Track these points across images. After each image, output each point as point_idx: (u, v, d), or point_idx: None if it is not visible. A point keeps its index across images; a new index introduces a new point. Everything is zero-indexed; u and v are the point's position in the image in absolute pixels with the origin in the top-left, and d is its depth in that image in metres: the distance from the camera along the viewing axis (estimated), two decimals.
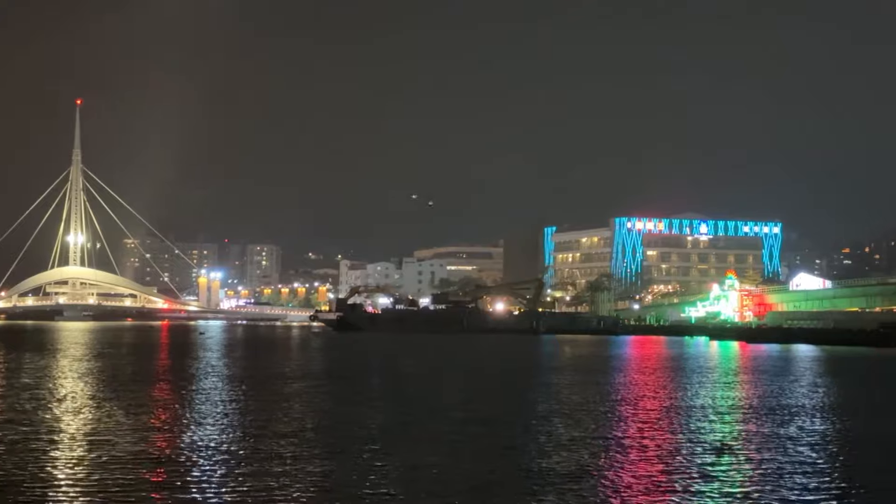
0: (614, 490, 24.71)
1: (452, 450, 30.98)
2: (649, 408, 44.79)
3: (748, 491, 25.14)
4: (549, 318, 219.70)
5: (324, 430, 35.10)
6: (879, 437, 36.27)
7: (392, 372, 73.54)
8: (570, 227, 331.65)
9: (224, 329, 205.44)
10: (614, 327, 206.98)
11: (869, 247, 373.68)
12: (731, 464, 29.15)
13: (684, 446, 32.34)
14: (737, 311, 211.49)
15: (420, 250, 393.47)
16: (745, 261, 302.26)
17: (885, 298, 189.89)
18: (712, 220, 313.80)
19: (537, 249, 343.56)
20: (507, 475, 26.81)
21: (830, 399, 51.49)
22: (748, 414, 43.40)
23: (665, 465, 28.41)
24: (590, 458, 29.51)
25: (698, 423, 39.11)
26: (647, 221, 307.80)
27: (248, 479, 25.29)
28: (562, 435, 34.63)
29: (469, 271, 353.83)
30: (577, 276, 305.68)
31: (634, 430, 36.39)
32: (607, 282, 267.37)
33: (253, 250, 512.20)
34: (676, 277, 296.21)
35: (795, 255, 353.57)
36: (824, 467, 28.75)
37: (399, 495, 23.81)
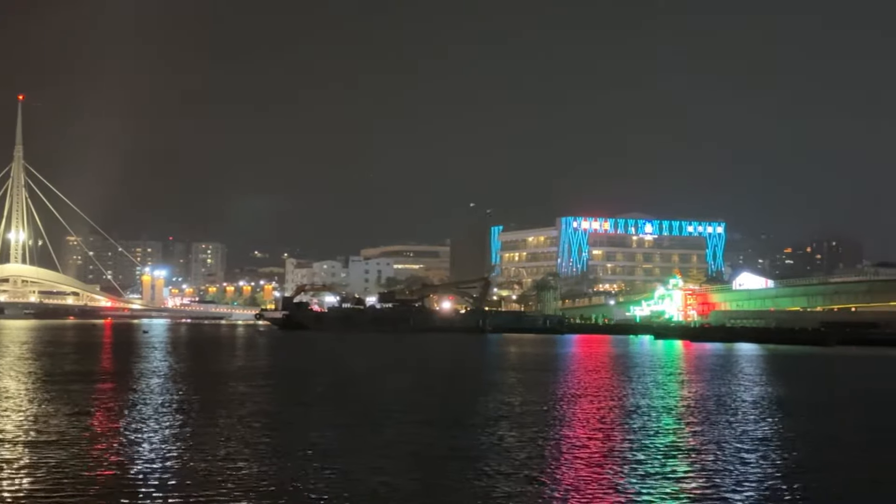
0: (563, 491, 24.76)
1: (398, 452, 30.87)
2: (594, 407, 44.99)
3: (692, 489, 25.31)
4: (496, 317, 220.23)
5: (268, 432, 34.83)
6: (815, 435, 36.73)
7: (338, 371, 73.23)
8: (516, 227, 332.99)
9: (168, 328, 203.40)
10: (560, 326, 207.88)
11: (810, 247, 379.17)
12: (676, 462, 29.34)
13: (629, 446, 32.51)
14: (681, 310, 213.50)
15: (367, 249, 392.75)
16: (689, 260, 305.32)
17: (825, 298, 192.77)
18: (657, 219, 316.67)
19: (484, 248, 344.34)
20: (452, 477, 26.75)
21: (770, 398, 52.10)
22: (691, 412, 43.76)
23: (610, 466, 28.53)
24: (534, 460, 29.55)
25: (642, 422, 39.36)
26: (592, 221, 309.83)
27: (189, 482, 25.00)
28: (508, 436, 34.66)
29: (416, 270, 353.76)
30: (524, 275, 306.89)
31: (580, 430, 36.52)
32: (553, 281, 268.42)
33: (198, 248, 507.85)
34: (622, 277, 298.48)
35: (739, 255, 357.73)
36: (765, 465, 29.03)
37: (342, 499, 23.67)
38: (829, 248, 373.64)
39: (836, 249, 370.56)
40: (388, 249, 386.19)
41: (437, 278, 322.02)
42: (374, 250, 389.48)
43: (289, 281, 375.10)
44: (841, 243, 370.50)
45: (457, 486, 25.47)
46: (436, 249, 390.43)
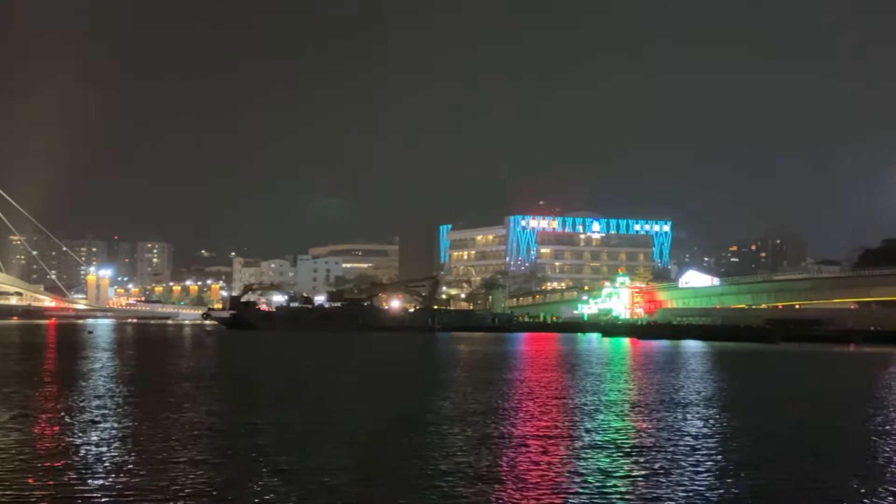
0: (511, 489, 24.81)
1: (347, 453, 30.75)
2: (541, 405, 45.16)
3: (640, 486, 25.48)
4: (445, 316, 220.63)
5: (214, 434, 34.54)
6: (754, 431, 37.14)
7: (286, 371, 72.83)
8: (465, 225, 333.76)
9: (114, 328, 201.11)
10: (508, 324, 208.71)
11: (755, 245, 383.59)
12: (623, 459, 29.52)
13: (578, 443, 32.67)
14: (628, 308, 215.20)
15: (315, 248, 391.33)
16: (636, 258, 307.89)
17: (770, 295, 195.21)
18: (604, 218, 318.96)
19: (433, 247, 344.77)
20: (403, 477, 26.70)
21: (713, 395, 52.64)
22: (636, 410, 44.08)
23: (557, 464, 28.64)
24: (483, 458, 29.58)
25: (589, 419, 39.58)
26: (541, 220, 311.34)
27: (133, 486, 24.70)
28: (456, 435, 34.68)
29: (365, 269, 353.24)
30: (473, 273, 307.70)
31: (527, 428, 36.63)
32: (502, 279, 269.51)
33: (144, 248, 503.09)
34: (570, 275, 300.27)
35: (685, 253, 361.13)
36: (700, 460, 29.30)
37: (289, 502, 23.53)
38: (773, 246, 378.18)
39: (780, 247, 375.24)
40: (337, 248, 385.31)
41: (386, 277, 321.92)
42: (322, 249, 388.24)
43: (236, 280, 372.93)
44: (785, 241, 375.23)
45: (408, 487, 25.41)
46: (385, 248, 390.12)
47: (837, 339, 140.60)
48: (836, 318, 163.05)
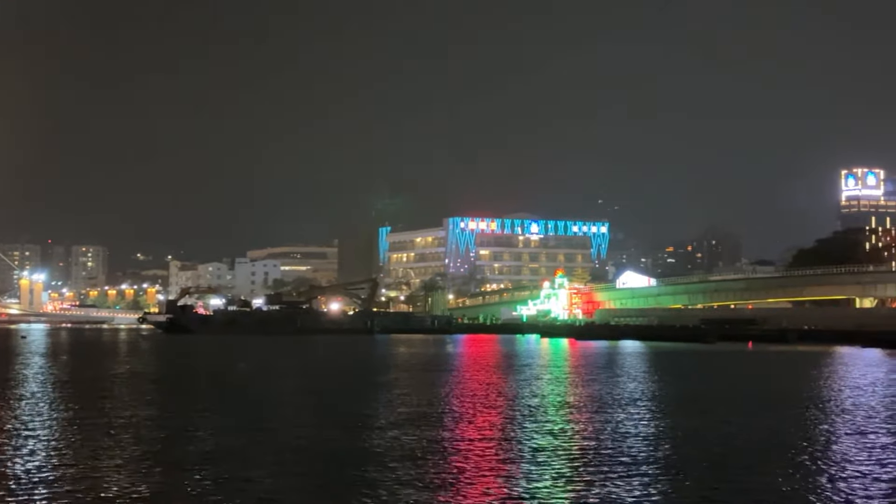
0: (450, 491, 24.82)
1: (285, 457, 30.54)
2: (479, 406, 45.27)
3: (576, 486, 25.64)
4: (384, 318, 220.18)
5: (149, 440, 34.12)
6: (691, 430, 37.56)
7: (223, 375, 72.18)
8: (404, 228, 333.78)
9: (48, 333, 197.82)
10: (448, 326, 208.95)
11: (691, 245, 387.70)
12: (560, 460, 29.68)
13: (513, 445, 32.79)
14: (566, 308, 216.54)
15: (253, 250, 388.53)
16: (574, 259, 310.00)
17: (706, 296, 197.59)
18: (542, 219, 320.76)
19: (372, 249, 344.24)
20: (340, 483, 26.59)
21: (646, 394, 53.17)
22: (572, 410, 44.38)
23: (496, 465, 28.71)
24: (422, 461, 29.57)
25: (526, 420, 39.75)
26: (479, 221, 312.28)
27: (62, 496, 24.29)
28: (395, 438, 34.63)
29: (303, 271, 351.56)
30: (412, 275, 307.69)
31: (465, 429, 36.69)
32: (441, 281, 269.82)
33: (78, 251, 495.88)
34: (509, 276, 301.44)
35: (622, 254, 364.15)
36: (625, 460, 29.57)
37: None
38: (709, 246, 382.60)
39: (716, 248, 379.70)
40: (276, 251, 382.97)
41: (325, 280, 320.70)
42: (260, 252, 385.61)
43: (173, 284, 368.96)
44: (720, 242, 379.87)
45: (348, 491, 25.31)
46: (323, 251, 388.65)
47: (772, 338, 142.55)
48: (770, 318, 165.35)
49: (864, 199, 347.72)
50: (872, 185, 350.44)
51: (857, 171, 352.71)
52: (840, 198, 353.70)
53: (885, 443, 34.13)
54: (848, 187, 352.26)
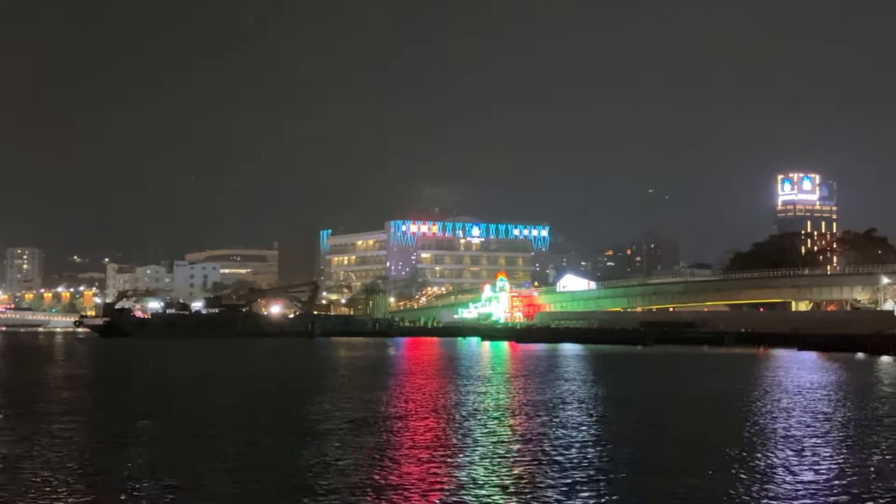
0: (390, 495, 24.73)
1: (222, 465, 30.23)
2: (418, 410, 45.23)
3: (512, 491, 25.69)
4: (325, 321, 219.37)
5: (84, 448, 33.59)
6: (625, 432, 37.85)
7: (162, 380, 71.35)
8: (345, 230, 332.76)
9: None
10: (389, 329, 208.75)
11: (631, 249, 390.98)
12: (496, 465, 29.73)
13: (456, 447, 32.78)
14: (507, 311, 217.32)
15: (192, 253, 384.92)
16: (515, 263, 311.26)
17: (644, 298, 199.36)
18: (484, 223, 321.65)
19: (313, 252, 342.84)
20: (281, 490, 26.38)
21: (583, 396, 53.51)
22: (512, 414, 44.51)
23: (434, 467, 28.68)
24: (363, 467, 29.44)
25: (467, 423, 39.78)
26: (421, 224, 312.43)
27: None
28: (336, 444, 34.47)
29: (243, 274, 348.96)
30: (353, 278, 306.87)
31: (405, 434, 36.63)
32: (383, 284, 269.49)
33: (13, 254, 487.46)
34: (450, 279, 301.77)
35: (562, 258, 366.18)
36: (549, 462, 29.73)
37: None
38: (648, 250, 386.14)
39: (654, 251, 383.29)
40: (215, 254, 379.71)
41: (266, 283, 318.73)
42: (199, 254, 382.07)
43: (110, 286, 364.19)
44: (659, 245, 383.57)
45: (288, 499, 25.13)
46: (264, 253, 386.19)
47: (710, 341, 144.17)
48: (708, 320, 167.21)
49: (800, 204, 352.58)
50: (808, 189, 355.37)
51: (794, 176, 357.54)
52: (776, 202, 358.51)
53: (812, 443, 34.65)
54: (784, 192, 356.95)
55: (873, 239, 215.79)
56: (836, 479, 27.60)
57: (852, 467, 29.79)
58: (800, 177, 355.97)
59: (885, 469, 29.62)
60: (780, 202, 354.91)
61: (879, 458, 31.67)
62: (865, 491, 25.88)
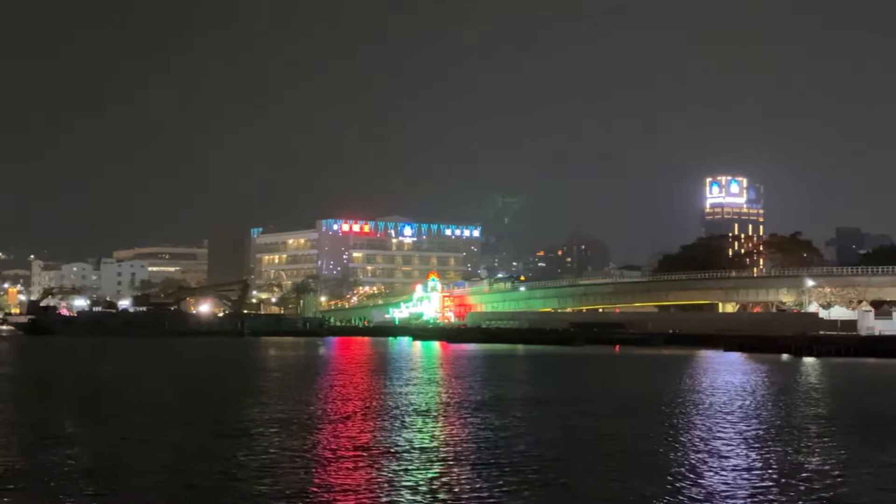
0: (313, 495, 24.61)
1: (147, 464, 29.85)
2: (346, 410, 45.08)
3: (438, 491, 25.71)
4: (255, 320, 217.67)
5: (4, 449, 32.92)
6: (547, 431, 38.09)
7: (86, 379, 70.18)
8: (276, 229, 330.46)
9: None
10: (320, 328, 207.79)
11: (561, 250, 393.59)
12: (424, 464, 29.74)
13: (384, 448, 32.73)
14: (439, 311, 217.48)
15: (120, 251, 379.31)
16: (447, 263, 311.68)
17: (575, 299, 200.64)
18: (416, 222, 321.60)
19: (243, 251, 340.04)
20: (211, 493, 26.11)
21: (509, 396, 53.81)
22: (438, 413, 44.56)
23: (359, 467, 28.60)
24: (292, 466, 29.25)
25: (395, 424, 39.75)
26: (352, 223, 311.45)
27: None
28: (263, 446, 34.20)
29: (172, 272, 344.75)
30: (284, 277, 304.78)
31: (331, 434, 36.47)
32: (314, 283, 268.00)
33: None
34: (382, 279, 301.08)
35: (494, 258, 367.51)
36: (493, 462, 29.87)
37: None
38: (578, 251, 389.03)
39: (585, 253, 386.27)
40: (143, 251, 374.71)
41: (195, 281, 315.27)
42: (127, 252, 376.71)
43: (35, 284, 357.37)
44: (590, 247, 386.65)
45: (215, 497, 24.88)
46: (193, 252, 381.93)
47: (638, 341, 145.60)
48: (637, 322, 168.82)
49: (728, 207, 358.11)
50: (735, 192, 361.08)
51: (721, 179, 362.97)
52: (704, 205, 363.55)
53: (722, 444, 35.16)
54: (712, 195, 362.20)
55: (798, 242, 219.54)
56: (743, 480, 28.03)
57: (761, 468, 30.28)
58: (727, 180, 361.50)
59: (787, 470, 30.07)
60: (709, 205, 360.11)
61: (783, 459, 32.18)
62: (764, 493, 26.33)
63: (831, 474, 29.20)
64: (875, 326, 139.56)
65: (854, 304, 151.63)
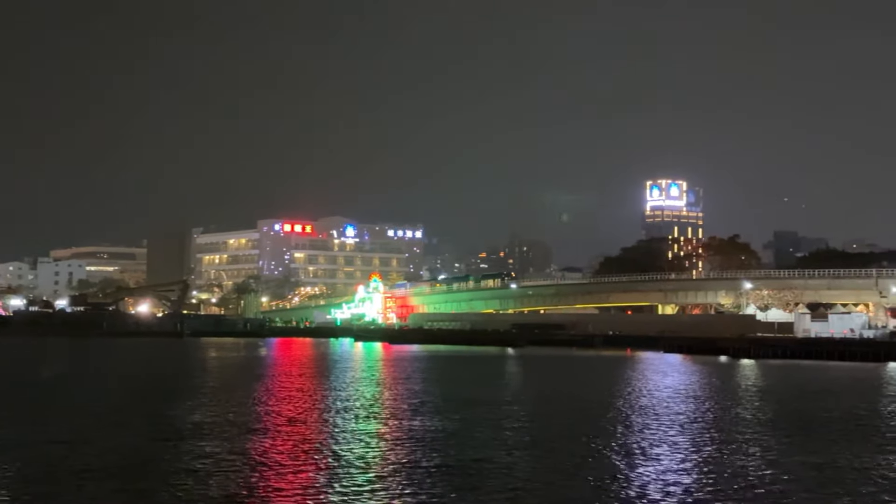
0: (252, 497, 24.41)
1: (83, 466, 29.40)
2: (285, 411, 44.82)
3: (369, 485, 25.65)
4: (195, 321, 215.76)
5: None
6: (477, 433, 38.20)
7: (21, 381, 69.04)
8: (217, 229, 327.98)
9: None
10: (261, 329, 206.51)
11: (503, 251, 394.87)
12: (355, 468, 29.65)
13: (321, 452, 32.58)
14: (381, 312, 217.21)
15: (57, 250, 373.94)
16: (389, 264, 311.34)
17: (517, 301, 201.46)
18: (358, 223, 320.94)
19: (183, 251, 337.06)
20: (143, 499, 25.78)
21: (446, 397, 53.85)
22: (373, 416, 44.46)
23: (300, 469, 28.44)
24: (232, 469, 28.99)
25: (332, 426, 39.61)
26: (294, 224, 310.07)
27: None
28: (200, 449, 33.88)
29: (111, 272, 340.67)
30: (225, 277, 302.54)
31: (268, 436, 36.23)
32: (255, 284, 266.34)
33: None
34: (324, 280, 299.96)
35: (436, 259, 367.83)
36: (422, 465, 29.88)
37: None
38: (520, 253, 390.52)
39: (527, 254, 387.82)
40: (81, 251, 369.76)
41: (134, 281, 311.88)
42: (65, 251, 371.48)
43: None
44: (531, 249, 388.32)
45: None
46: (132, 251, 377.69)
47: (580, 343, 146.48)
48: (578, 323, 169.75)
49: (668, 210, 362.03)
50: (675, 195, 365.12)
51: (662, 183, 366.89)
52: (645, 208, 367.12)
53: (662, 442, 35.47)
54: (652, 198, 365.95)
55: (737, 245, 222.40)
56: (672, 482, 28.31)
57: (692, 469, 30.59)
58: (667, 183, 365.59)
59: (717, 471, 30.41)
60: (649, 208, 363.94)
61: (714, 460, 32.54)
62: (692, 494, 26.60)
63: (761, 476, 29.56)
64: (811, 329, 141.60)
65: (791, 306, 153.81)
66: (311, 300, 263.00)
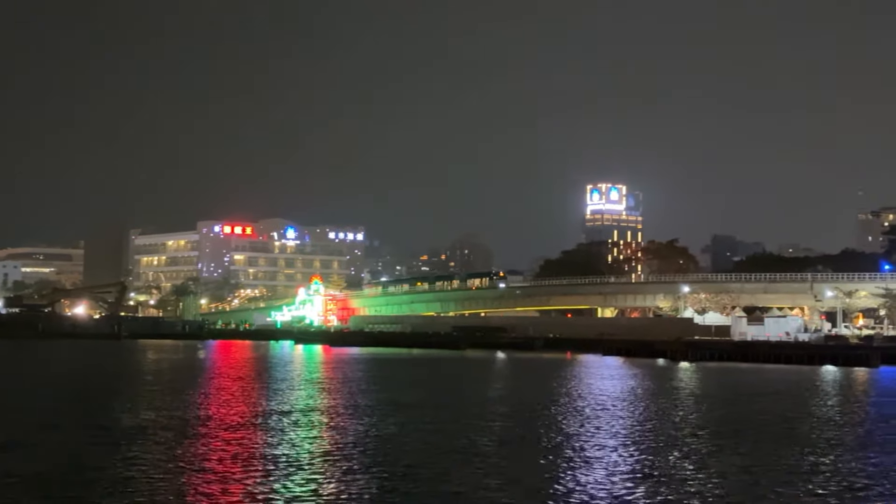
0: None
1: (16, 470, 28.94)
2: (222, 414, 44.49)
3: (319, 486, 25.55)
4: (132, 323, 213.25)
5: None
6: (415, 435, 38.26)
7: None
8: (155, 230, 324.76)
9: None
10: (200, 331, 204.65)
11: (445, 254, 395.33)
12: (296, 468, 29.53)
13: (258, 455, 32.38)
14: (322, 315, 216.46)
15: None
16: (330, 266, 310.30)
17: (458, 303, 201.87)
18: (299, 225, 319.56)
19: (121, 252, 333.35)
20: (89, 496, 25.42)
21: (379, 400, 53.83)
22: (312, 418, 44.32)
23: (239, 479, 28.25)
24: (171, 473, 28.69)
25: (269, 429, 39.39)
26: (234, 226, 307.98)
27: None
28: (136, 453, 33.49)
29: (46, 273, 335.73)
30: (163, 279, 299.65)
31: (210, 440, 35.95)
32: (194, 286, 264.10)
33: None
34: (264, 282, 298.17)
35: (377, 262, 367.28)
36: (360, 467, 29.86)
37: None
38: (462, 255, 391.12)
39: (468, 257, 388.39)
40: (16, 251, 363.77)
41: (70, 282, 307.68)
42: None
43: None
44: (473, 251, 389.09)
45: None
46: (68, 252, 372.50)
47: (520, 345, 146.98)
48: (518, 326, 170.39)
49: (608, 213, 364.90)
50: (615, 199, 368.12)
51: (602, 187, 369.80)
52: (585, 211, 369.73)
53: (597, 445, 35.75)
54: (593, 201, 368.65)
55: (675, 249, 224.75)
56: (607, 485, 28.54)
57: (626, 472, 30.85)
58: (607, 187, 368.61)
59: (650, 473, 30.70)
60: (589, 211, 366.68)
61: (648, 463, 32.86)
62: (626, 496, 26.83)
63: (692, 479, 29.87)
64: (747, 332, 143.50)
65: (728, 309, 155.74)
66: (251, 302, 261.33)
